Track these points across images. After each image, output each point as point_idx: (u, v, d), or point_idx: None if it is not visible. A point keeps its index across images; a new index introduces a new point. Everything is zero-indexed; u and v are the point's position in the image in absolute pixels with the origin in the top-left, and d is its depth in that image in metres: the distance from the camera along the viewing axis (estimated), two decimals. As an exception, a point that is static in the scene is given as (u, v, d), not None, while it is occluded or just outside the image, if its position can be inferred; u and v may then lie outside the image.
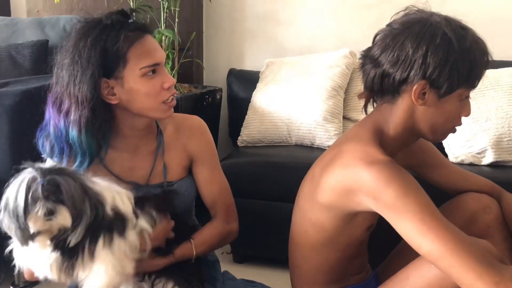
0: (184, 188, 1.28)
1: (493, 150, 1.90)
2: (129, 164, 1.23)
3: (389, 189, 1.02)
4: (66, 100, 1.12)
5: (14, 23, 2.59)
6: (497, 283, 0.95)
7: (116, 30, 1.11)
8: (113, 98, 1.13)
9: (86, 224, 0.99)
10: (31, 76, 2.21)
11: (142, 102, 1.14)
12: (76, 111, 1.10)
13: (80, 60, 1.09)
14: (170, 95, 1.17)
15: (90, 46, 1.09)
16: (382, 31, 1.13)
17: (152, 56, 1.13)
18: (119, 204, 1.05)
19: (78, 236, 0.98)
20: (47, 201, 0.95)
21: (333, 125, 2.12)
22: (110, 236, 1.02)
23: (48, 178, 0.96)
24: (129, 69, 1.11)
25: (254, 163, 2.01)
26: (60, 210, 0.96)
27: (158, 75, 1.15)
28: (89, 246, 1.00)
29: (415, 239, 1.02)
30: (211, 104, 2.45)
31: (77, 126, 1.11)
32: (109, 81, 1.12)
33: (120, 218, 1.05)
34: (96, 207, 1.01)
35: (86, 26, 1.13)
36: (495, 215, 1.29)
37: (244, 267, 2.07)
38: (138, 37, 1.13)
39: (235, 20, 2.70)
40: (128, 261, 1.05)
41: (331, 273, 1.24)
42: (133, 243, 1.06)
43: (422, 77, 1.06)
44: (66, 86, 1.11)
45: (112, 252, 1.02)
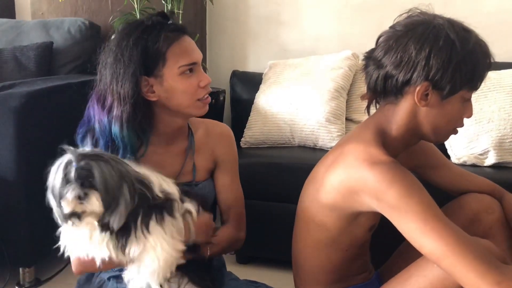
0: (207, 189, 1.33)
1: (495, 151, 1.90)
2: (160, 160, 1.26)
3: (392, 189, 1.03)
4: (109, 96, 1.17)
5: (19, 25, 2.61)
6: (499, 282, 0.95)
7: (156, 30, 1.16)
8: (152, 95, 1.18)
9: (126, 209, 0.99)
10: (36, 78, 2.23)
11: (180, 99, 1.19)
12: (118, 107, 1.15)
13: (123, 59, 1.14)
14: (205, 93, 1.22)
15: (132, 45, 1.14)
16: (385, 32, 1.14)
17: (189, 56, 1.19)
18: (166, 187, 1.09)
19: (119, 221, 0.99)
20: (79, 184, 0.96)
21: (336, 126, 2.12)
22: (161, 215, 1.05)
23: (82, 163, 0.97)
24: (168, 68, 1.16)
25: (257, 164, 2.02)
26: (91, 195, 0.97)
27: (195, 74, 1.20)
28: (143, 222, 1.02)
29: (418, 239, 1.02)
30: (214, 106, 2.45)
31: (119, 121, 1.16)
32: (149, 79, 1.17)
33: (169, 200, 1.08)
34: (142, 191, 1.03)
35: (128, 27, 1.19)
36: (497, 216, 1.30)
37: (247, 268, 2.08)
38: (177, 38, 1.18)
39: (238, 22, 2.71)
40: (178, 242, 1.07)
41: (334, 273, 1.25)
42: (180, 225, 1.09)
43: (425, 78, 1.07)
44: (109, 83, 1.16)
45: (164, 229, 1.04)
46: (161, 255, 1.03)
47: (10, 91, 1.83)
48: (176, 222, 1.08)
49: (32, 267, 1.92)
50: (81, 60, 2.48)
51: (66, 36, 2.48)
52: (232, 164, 1.36)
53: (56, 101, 1.93)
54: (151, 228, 1.03)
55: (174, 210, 1.08)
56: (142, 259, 1.03)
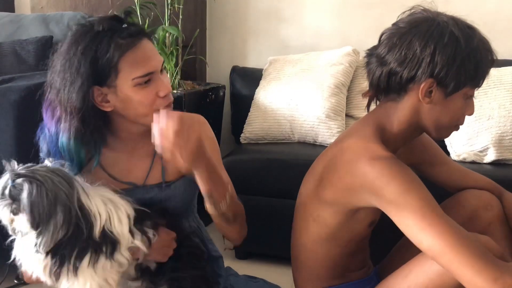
0: (182, 188, 1.25)
1: (495, 148, 1.90)
2: (127, 165, 1.21)
3: (391, 185, 1.03)
4: (57, 106, 1.10)
5: (19, 19, 2.60)
6: (496, 279, 0.96)
7: (107, 38, 1.06)
8: (106, 105, 1.10)
9: (53, 236, 0.99)
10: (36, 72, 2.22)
11: (137, 110, 1.11)
12: (66, 119, 1.09)
13: (70, 69, 1.06)
14: (165, 104, 1.12)
15: (80, 55, 1.05)
16: (388, 30, 1.14)
17: (145, 66, 1.08)
18: (114, 224, 1.05)
19: (44, 246, 0.99)
20: (12, 202, 0.98)
21: (335, 122, 2.13)
22: (96, 256, 1.02)
23: (17, 181, 0.98)
24: (121, 79, 1.07)
25: (257, 160, 2.02)
26: (20, 214, 0.99)
27: (153, 83, 1.10)
28: (74, 262, 1.01)
29: (416, 235, 1.03)
30: (214, 101, 2.45)
31: (67, 134, 1.09)
32: (102, 88, 1.08)
33: (111, 240, 1.04)
34: (80, 223, 1.01)
35: (78, 32, 1.09)
36: (496, 212, 1.30)
37: (246, 263, 2.08)
38: (131, 45, 1.07)
39: (239, 18, 2.70)
40: (112, 276, 1.06)
41: (333, 268, 1.25)
42: (122, 262, 1.06)
43: (430, 75, 1.07)
44: (57, 92, 1.09)
45: (96, 271, 1.03)
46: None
47: (10, 85, 1.82)
48: (113, 263, 1.05)
49: (31, 261, 1.92)
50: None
51: (65, 31, 2.47)
52: (213, 153, 1.21)
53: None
54: (80, 270, 1.02)
55: (114, 252, 1.05)
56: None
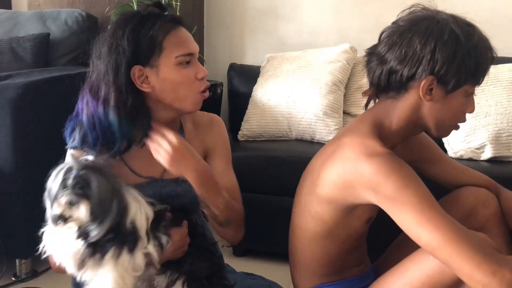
0: None
1: (492, 145, 1.91)
2: (147, 159, 1.21)
3: (389, 181, 1.03)
4: (103, 87, 1.13)
5: (15, 16, 2.59)
6: (495, 272, 0.96)
7: (153, 20, 1.14)
8: (146, 86, 1.15)
9: (109, 224, 1.02)
10: (33, 69, 2.22)
11: (176, 91, 1.16)
12: (114, 96, 1.12)
13: (118, 48, 1.12)
14: (204, 86, 1.19)
15: (127, 34, 1.12)
16: (388, 28, 1.14)
17: (187, 46, 1.16)
18: (137, 220, 1.07)
19: (99, 233, 1.02)
20: (73, 192, 1.00)
21: (333, 120, 2.13)
22: (119, 250, 1.04)
23: (82, 172, 1.01)
24: (164, 57, 1.14)
25: (255, 158, 2.02)
26: (81, 204, 1.01)
27: (192, 66, 1.17)
28: (103, 251, 1.03)
29: (414, 230, 1.03)
30: (212, 99, 2.45)
31: (116, 112, 1.12)
32: (144, 69, 1.14)
33: (134, 235, 1.07)
34: (121, 214, 1.05)
35: (124, 17, 1.16)
36: (493, 209, 1.30)
37: (244, 261, 2.09)
38: (174, 27, 1.16)
39: (236, 15, 2.70)
40: (129, 277, 1.07)
41: (331, 265, 1.25)
42: (138, 262, 1.07)
43: (430, 73, 1.07)
44: (104, 74, 1.13)
45: (117, 264, 1.04)
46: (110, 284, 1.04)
47: (7, 82, 1.82)
48: (133, 259, 1.06)
49: (28, 259, 1.92)
50: (77, 51, 2.46)
51: (63, 28, 2.47)
52: (225, 151, 1.32)
53: (53, 93, 1.92)
54: (105, 261, 1.03)
55: (136, 248, 1.06)
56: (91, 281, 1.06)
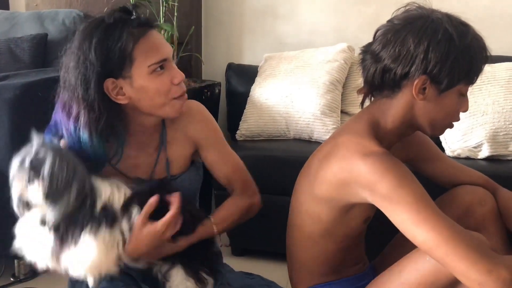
0: (187, 182, 1.27)
1: (489, 144, 1.91)
2: (134, 161, 1.22)
3: (384, 180, 1.04)
4: (74, 104, 1.10)
5: (13, 17, 2.59)
6: (490, 270, 0.96)
7: (119, 29, 1.08)
8: (122, 98, 1.11)
9: (66, 208, 1.02)
10: (31, 69, 2.22)
11: (153, 99, 1.12)
12: (85, 115, 1.08)
13: (86, 63, 1.07)
14: (181, 91, 1.15)
15: (94, 47, 1.07)
16: (383, 26, 1.14)
17: (159, 52, 1.11)
18: (115, 201, 1.08)
19: (54, 217, 1.02)
20: (31, 170, 1.00)
21: (331, 119, 2.13)
22: (97, 226, 1.05)
23: (40, 151, 1.00)
24: (136, 68, 1.09)
25: (253, 157, 2.01)
26: (36, 182, 1.00)
27: (167, 71, 1.13)
28: (74, 236, 1.03)
29: (410, 229, 1.03)
30: (210, 98, 2.45)
31: (88, 129, 1.08)
32: (117, 81, 1.10)
33: (112, 214, 1.07)
34: (84, 200, 1.04)
35: (89, 26, 1.10)
36: (490, 208, 1.30)
37: (242, 260, 2.09)
38: (143, 34, 1.10)
39: (234, 15, 2.70)
40: (111, 252, 1.07)
41: (328, 264, 1.25)
42: (115, 237, 1.08)
43: (423, 72, 1.07)
44: (74, 89, 1.09)
45: (96, 237, 1.05)
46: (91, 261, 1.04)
47: (4, 82, 1.82)
48: (113, 235, 1.07)
49: (27, 259, 1.92)
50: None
51: (60, 28, 2.47)
52: (214, 138, 1.27)
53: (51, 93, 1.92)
54: (82, 237, 1.04)
55: (114, 225, 1.07)
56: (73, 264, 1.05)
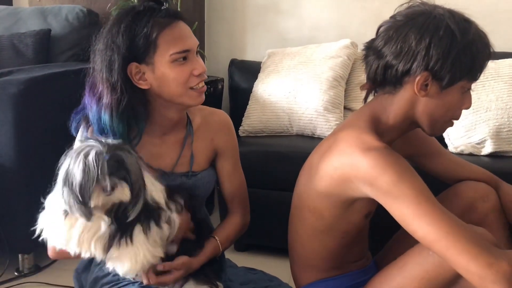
0: (206, 179, 1.31)
1: (492, 140, 1.91)
2: (157, 150, 1.24)
3: (385, 175, 1.04)
4: (99, 84, 1.14)
5: (17, 13, 2.59)
6: (491, 264, 0.97)
7: (147, 16, 1.13)
8: (144, 83, 1.15)
9: (143, 201, 1.02)
10: (34, 65, 2.23)
11: (171, 87, 1.15)
12: (107, 95, 1.13)
13: (113, 46, 1.12)
14: (199, 81, 1.18)
15: (122, 32, 1.12)
16: (385, 22, 1.14)
17: (182, 43, 1.15)
18: (154, 195, 1.08)
19: (136, 211, 1.02)
20: (111, 177, 0.97)
21: (334, 115, 2.13)
22: (148, 224, 1.05)
23: (112, 154, 0.98)
24: (159, 55, 1.13)
25: (256, 153, 2.02)
26: (121, 186, 0.99)
27: (189, 62, 1.16)
28: (131, 230, 1.03)
29: (411, 224, 1.03)
30: (213, 94, 2.45)
31: (109, 110, 1.13)
32: (140, 66, 1.14)
33: (157, 208, 1.08)
34: (145, 191, 1.04)
35: (120, 13, 1.16)
36: (493, 204, 1.31)
37: (245, 255, 2.10)
38: (169, 23, 1.14)
39: (237, 11, 2.70)
40: (159, 249, 1.08)
41: (330, 260, 1.26)
42: (165, 233, 1.10)
43: (425, 68, 1.07)
44: (100, 71, 1.14)
45: (148, 238, 1.05)
46: (139, 261, 1.04)
47: (8, 78, 1.82)
48: (161, 232, 1.08)
49: (31, 254, 1.93)
50: (79, 47, 2.46)
51: (64, 24, 2.47)
52: (234, 152, 1.35)
53: (54, 88, 1.93)
54: (135, 237, 1.03)
55: (161, 220, 1.08)
56: (120, 261, 1.05)
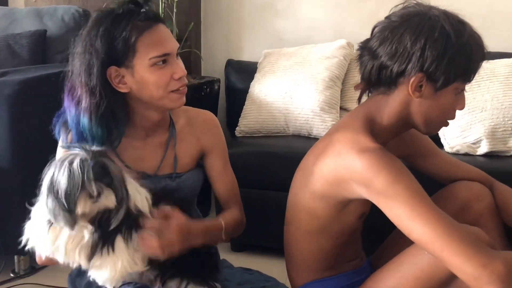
0: (191, 180, 1.30)
1: (488, 140, 1.92)
2: (140, 153, 1.24)
3: (380, 176, 1.04)
4: (78, 88, 1.14)
5: (12, 13, 2.58)
6: (486, 265, 0.97)
7: (126, 19, 1.12)
8: (123, 87, 1.15)
9: (125, 209, 1.01)
10: (30, 66, 2.22)
11: (151, 91, 1.15)
12: (86, 99, 1.12)
13: (91, 49, 1.11)
14: (180, 85, 1.17)
15: (101, 35, 1.10)
16: (380, 23, 1.14)
17: (162, 46, 1.14)
18: (138, 202, 1.07)
19: (118, 218, 1.01)
20: (97, 182, 0.96)
21: (330, 115, 2.13)
22: (129, 232, 1.04)
23: (97, 160, 0.98)
24: (138, 59, 1.12)
25: (252, 153, 2.02)
26: (107, 192, 0.98)
27: (169, 65, 1.15)
28: (112, 238, 1.02)
29: (406, 225, 1.04)
30: (209, 95, 2.45)
31: (88, 114, 1.12)
32: (120, 69, 1.13)
33: (140, 216, 1.06)
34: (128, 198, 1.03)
35: (99, 15, 1.15)
36: (487, 203, 1.31)
37: (241, 256, 2.10)
38: (149, 27, 1.13)
39: (233, 11, 2.70)
40: (139, 256, 1.07)
41: (325, 260, 1.26)
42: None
43: (420, 70, 1.07)
44: (78, 74, 1.13)
45: (128, 247, 1.04)
46: (119, 270, 1.04)
47: (4, 78, 1.82)
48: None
49: (27, 255, 1.92)
50: (75, 48, 2.46)
51: (59, 24, 2.46)
52: (222, 151, 1.34)
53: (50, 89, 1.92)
54: (116, 245, 1.03)
55: (142, 227, 1.06)
56: (100, 268, 1.04)
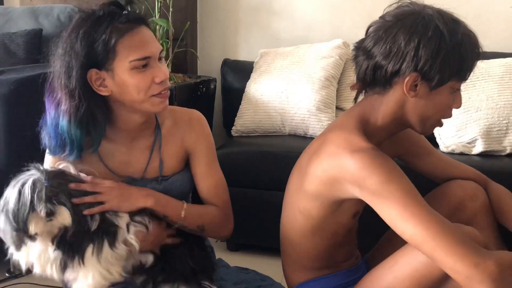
0: (179, 182, 1.27)
1: (483, 139, 1.92)
2: (125, 158, 1.22)
3: (373, 176, 1.04)
4: (58, 90, 1.12)
5: (7, 12, 2.58)
6: (477, 264, 0.97)
7: (106, 22, 1.09)
8: (104, 89, 1.12)
9: (79, 226, 1.04)
10: (25, 65, 2.21)
11: (133, 95, 1.12)
12: (65, 101, 1.11)
13: (71, 52, 1.09)
14: (161, 89, 1.14)
15: (81, 37, 1.09)
16: (375, 23, 1.14)
17: (142, 49, 1.11)
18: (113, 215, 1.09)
19: (73, 235, 1.03)
20: (49, 202, 0.99)
21: (326, 115, 2.14)
22: (99, 246, 1.05)
23: (52, 180, 1.00)
24: (118, 61, 1.10)
25: (248, 153, 2.02)
26: (60, 211, 1.00)
27: (150, 69, 1.12)
28: (81, 252, 1.04)
29: (399, 225, 1.04)
30: (205, 94, 2.45)
31: (67, 116, 1.11)
32: (100, 72, 1.11)
33: (113, 230, 1.08)
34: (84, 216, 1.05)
35: (80, 17, 1.12)
36: (481, 203, 1.31)
37: (237, 255, 2.10)
38: (130, 29, 1.11)
39: (230, 10, 2.70)
40: (115, 267, 1.09)
41: (320, 259, 1.26)
42: (120, 252, 1.09)
43: (414, 69, 1.08)
44: (58, 76, 1.12)
45: (100, 260, 1.06)
46: (91, 283, 1.06)
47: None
48: (116, 251, 1.08)
49: (22, 255, 1.92)
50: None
51: (55, 23, 2.46)
52: (207, 150, 1.28)
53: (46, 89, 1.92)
54: (86, 260, 1.04)
55: (116, 240, 1.08)
56: (76, 281, 1.07)
